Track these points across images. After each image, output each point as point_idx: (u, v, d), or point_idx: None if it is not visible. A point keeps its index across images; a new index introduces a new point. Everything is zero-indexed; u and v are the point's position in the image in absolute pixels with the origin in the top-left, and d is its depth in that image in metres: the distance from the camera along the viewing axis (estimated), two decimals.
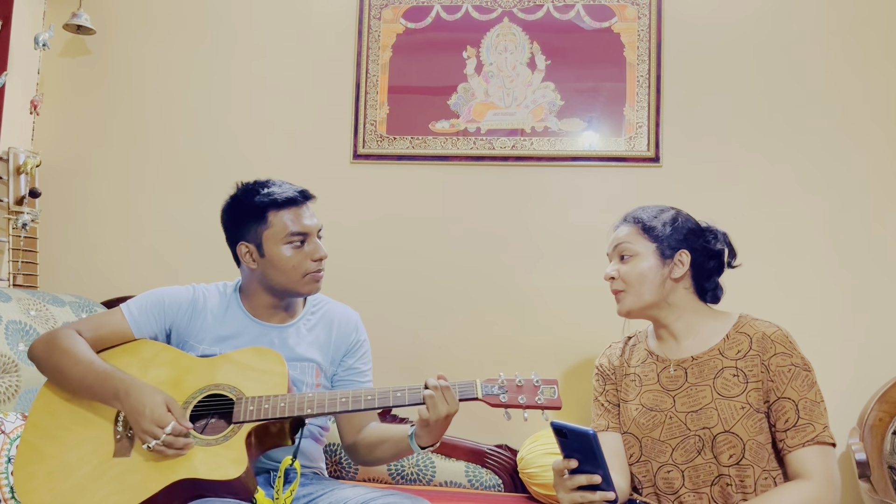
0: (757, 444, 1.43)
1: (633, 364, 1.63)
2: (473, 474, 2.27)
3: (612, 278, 1.58)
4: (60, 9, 2.65)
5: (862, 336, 2.27)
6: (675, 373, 1.54)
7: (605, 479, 1.24)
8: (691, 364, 1.53)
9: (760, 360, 1.46)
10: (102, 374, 1.51)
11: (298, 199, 1.68)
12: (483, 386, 1.50)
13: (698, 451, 1.47)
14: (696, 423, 1.47)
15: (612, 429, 1.60)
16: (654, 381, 1.56)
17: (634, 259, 1.55)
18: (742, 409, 1.44)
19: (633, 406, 1.57)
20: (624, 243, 1.57)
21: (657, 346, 1.61)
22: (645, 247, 1.55)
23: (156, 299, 1.71)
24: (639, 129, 2.41)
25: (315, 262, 1.68)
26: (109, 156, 2.65)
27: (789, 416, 1.42)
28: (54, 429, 1.53)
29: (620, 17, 2.45)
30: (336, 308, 1.83)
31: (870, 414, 2.14)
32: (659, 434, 1.51)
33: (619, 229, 1.61)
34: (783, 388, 1.43)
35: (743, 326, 1.52)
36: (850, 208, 2.32)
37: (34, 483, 1.47)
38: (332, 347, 1.77)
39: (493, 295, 2.43)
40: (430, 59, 2.52)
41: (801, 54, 2.38)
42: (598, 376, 1.69)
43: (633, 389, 1.59)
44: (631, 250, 1.56)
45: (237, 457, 1.44)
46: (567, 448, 1.27)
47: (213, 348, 1.68)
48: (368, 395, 1.51)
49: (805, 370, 1.45)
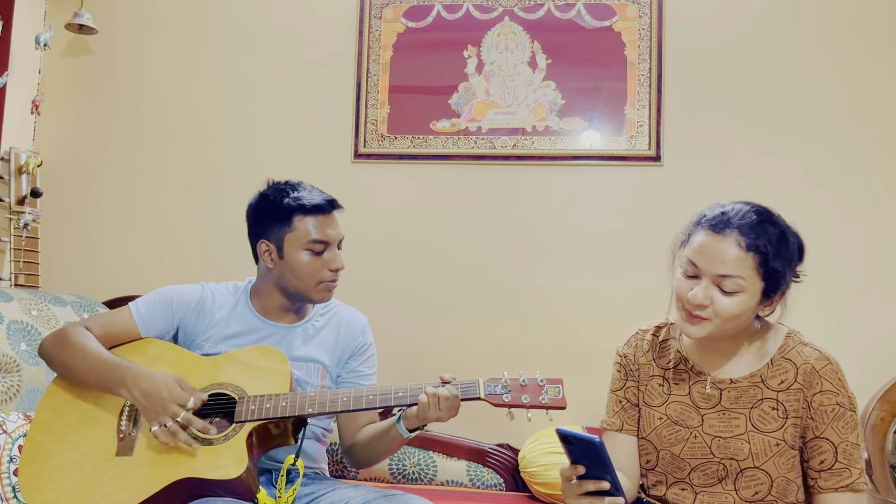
0: (786, 482, 1.37)
1: (661, 365, 1.48)
2: (475, 473, 2.27)
3: (700, 305, 1.32)
4: (62, 8, 2.65)
5: (864, 335, 2.27)
6: (710, 391, 1.41)
7: (614, 485, 1.22)
8: (728, 386, 1.40)
9: (804, 396, 1.35)
10: (110, 363, 1.53)
11: (326, 208, 1.68)
12: (486, 385, 1.49)
13: (720, 479, 1.39)
14: (723, 451, 1.38)
15: (626, 430, 1.49)
16: (685, 393, 1.43)
17: (738, 295, 1.31)
18: (777, 445, 1.36)
19: (657, 414, 1.45)
20: (734, 276, 1.29)
21: (694, 352, 1.45)
22: (754, 284, 1.31)
23: (163, 298, 1.72)
24: (640, 128, 2.41)
25: (331, 272, 1.67)
26: (111, 156, 2.65)
27: (826, 458, 1.33)
28: (59, 427, 1.54)
29: (621, 15, 2.45)
30: (345, 311, 1.83)
31: (871, 413, 2.13)
32: (680, 451, 1.42)
33: (727, 247, 1.30)
34: (823, 429, 1.33)
35: (789, 352, 1.39)
36: (852, 207, 2.32)
37: (38, 481, 1.47)
38: (339, 350, 1.77)
39: (494, 294, 2.43)
40: (430, 59, 2.52)
41: (802, 52, 2.38)
42: (620, 367, 1.53)
43: (658, 395, 1.46)
44: (738, 286, 1.30)
45: (238, 456, 1.44)
46: (574, 455, 1.24)
47: (219, 346, 1.69)
48: (370, 394, 1.51)
49: (850, 410, 1.34)
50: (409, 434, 1.57)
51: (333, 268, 1.67)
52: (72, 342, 1.58)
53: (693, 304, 1.32)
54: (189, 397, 1.46)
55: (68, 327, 1.63)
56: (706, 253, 1.32)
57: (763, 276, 1.31)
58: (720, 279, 1.30)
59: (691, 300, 1.32)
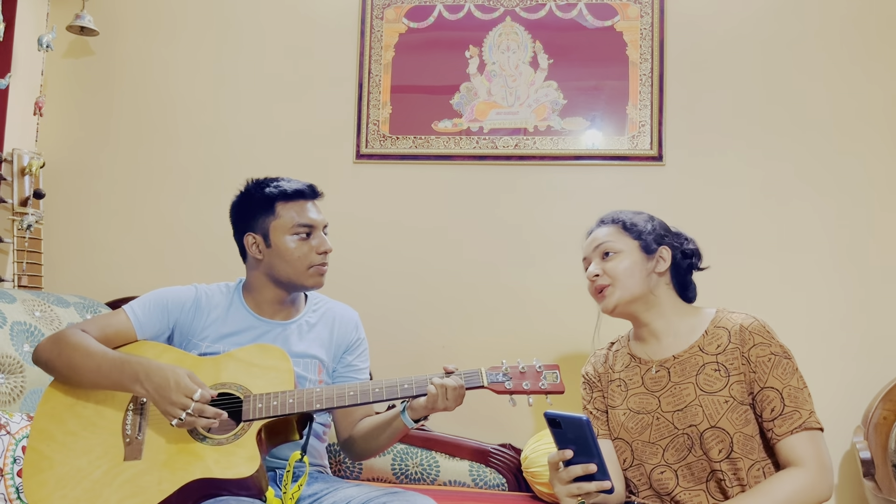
0: (744, 437, 1.44)
1: (617, 369, 1.64)
2: (477, 473, 2.27)
3: (596, 276, 1.59)
4: (64, 10, 2.66)
5: (866, 334, 2.27)
6: (657, 373, 1.55)
7: (601, 469, 1.25)
8: (673, 363, 1.54)
9: (740, 353, 1.47)
10: (119, 360, 1.52)
11: (307, 193, 1.73)
12: (488, 374, 1.54)
13: (688, 448, 1.48)
14: (682, 422, 1.48)
15: (602, 435, 1.61)
16: (639, 384, 1.58)
17: (619, 255, 1.58)
18: (726, 402, 1.46)
19: (621, 411, 1.58)
20: (607, 242, 1.60)
21: (638, 348, 1.62)
22: (627, 244, 1.59)
23: (158, 299, 1.72)
24: (642, 127, 2.41)
25: (320, 256, 1.70)
26: (113, 157, 2.65)
27: (775, 406, 1.43)
28: (61, 435, 1.53)
29: (623, 15, 2.45)
30: (336, 307, 1.86)
31: (874, 412, 2.13)
32: (648, 436, 1.52)
33: (598, 231, 1.65)
34: (765, 378, 1.44)
35: (721, 321, 1.54)
36: (854, 206, 2.32)
37: (45, 491, 1.47)
38: (334, 345, 1.79)
39: (496, 294, 2.43)
40: (432, 59, 2.52)
41: (804, 51, 2.38)
42: (585, 384, 1.70)
43: (619, 395, 1.60)
44: (614, 248, 1.58)
45: (250, 455, 1.45)
46: (561, 438, 1.28)
47: (216, 346, 1.69)
48: (376, 387, 1.53)
49: (785, 357, 1.46)
50: (414, 425, 1.60)
51: (321, 250, 1.70)
52: (72, 343, 1.57)
53: (592, 280, 1.60)
54: (197, 389, 1.46)
55: (63, 330, 1.62)
56: (587, 244, 1.66)
57: (631, 235, 1.59)
58: (599, 249, 1.61)
59: (588, 276, 1.61)
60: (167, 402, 1.45)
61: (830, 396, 2.25)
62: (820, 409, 2.21)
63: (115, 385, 1.53)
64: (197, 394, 1.44)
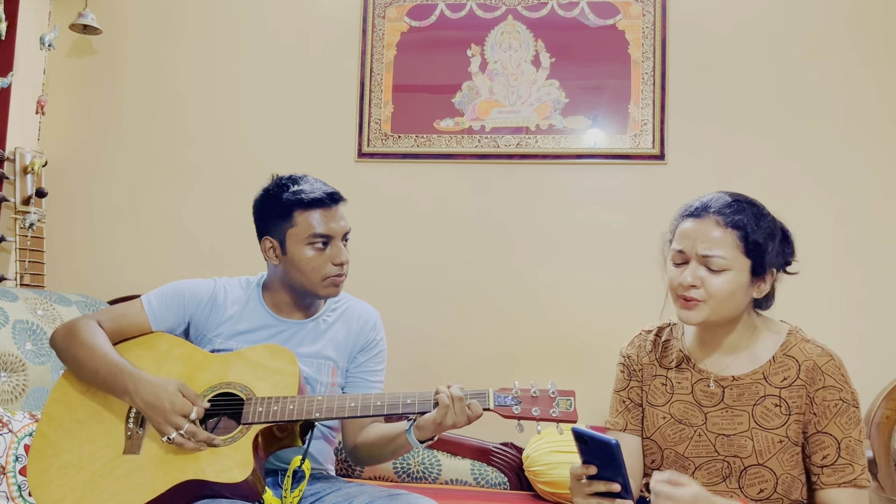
0: (790, 479, 1.38)
1: (665, 364, 1.49)
2: (479, 472, 2.27)
3: (693, 286, 1.36)
4: (66, 9, 2.66)
5: (869, 333, 2.26)
6: (713, 389, 1.42)
7: (625, 488, 1.21)
8: (731, 384, 1.41)
9: (806, 392, 1.36)
10: (115, 367, 1.51)
11: (326, 201, 1.64)
12: (496, 396, 1.45)
13: (724, 477, 1.40)
14: (726, 449, 1.39)
15: (630, 430, 1.50)
16: (688, 392, 1.44)
17: (727, 274, 1.35)
18: (780, 442, 1.37)
19: (661, 413, 1.47)
20: (718, 257, 1.35)
21: (696, 351, 1.47)
22: (740, 262, 1.36)
23: (176, 292, 1.71)
24: (644, 126, 2.40)
25: (336, 267, 1.65)
26: (115, 155, 2.66)
27: (828, 453, 1.34)
28: (69, 422, 1.54)
29: (625, 14, 2.45)
30: (356, 305, 1.81)
31: (876, 411, 2.13)
32: (684, 449, 1.43)
33: (704, 227, 1.37)
34: (825, 424, 1.34)
35: (791, 348, 1.40)
36: (857, 206, 2.31)
37: (47, 477, 1.48)
38: (350, 345, 1.75)
39: (498, 293, 2.43)
40: (434, 58, 2.52)
41: (806, 50, 2.37)
42: (624, 368, 1.55)
43: (662, 395, 1.48)
44: (725, 265, 1.35)
45: (243, 459, 1.43)
46: (587, 454, 1.23)
47: (230, 342, 1.68)
48: (377, 401, 1.48)
49: (853, 406, 1.34)
50: (420, 445, 1.53)
51: (338, 262, 1.64)
52: (80, 338, 1.57)
53: (685, 287, 1.36)
54: (192, 407, 1.44)
55: (79, 321, 1.61)
56: (689, 236, 1.38)
57: (746, 251, 1.36)
58: (706, 259, 1.35)
59: (682, 283, 1.37)
60: (160, 420, 1.44)
61: None
62: None
63: (109, 391, 1.53)
64: (193, 413, 1.44)
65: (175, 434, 1.42)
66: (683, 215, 1.44)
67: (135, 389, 1.47)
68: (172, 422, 1.43)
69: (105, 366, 1.52)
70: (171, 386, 1.47)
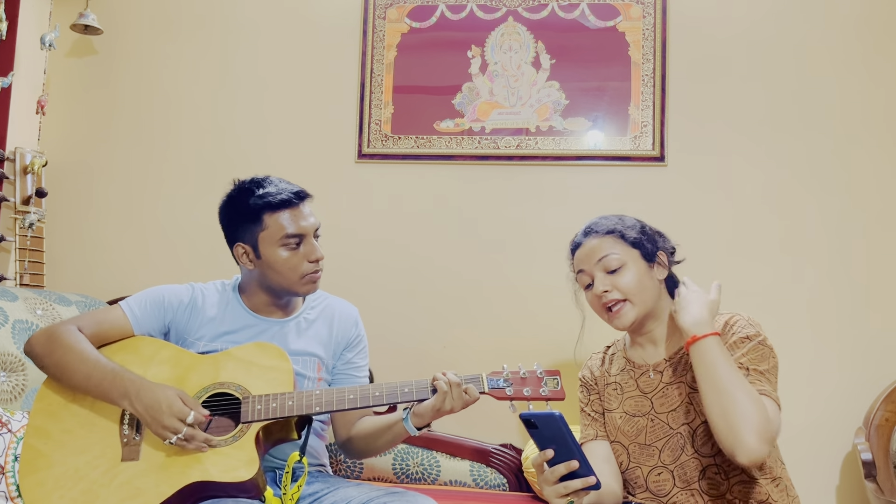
0: None
1: (612, 373, 1.63)
2: (478, 473, 2.27)
3: (606, 291, 1.50)
4: (67, 9, 2.66)
5: (867, 335, 2.26)
6: (652, 377, 1.55)
7: (583, 464, 1.25)
8: (665, 366, 1.53)
9: (725, 343, 1.45)
10: (111, 372, 1.50)
11: (293, 201, 1.65)
12: (489, 380, 1.53)
13: (682, 447, 1.47)
14: (676, 421, 1.48)
15: (600, 437, 1.60)
16: (634, 388, 1.57)
17: (625, 268, 1.51)
18: None
19: (617, 414, 1.58)
20: (610, 255, 1.51)
21: (634, 353, 1.61)
22: (629, 254, 1.52)
23: (156, 297, 1.71)
24: (644, 128, 2.40)
25: (312, 264, 1.66)
26: (116, 155, 2.66)
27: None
28: (58, 433, 1.52)
29: (625, 16, 2.45)
30: (336, 303, 1.83)
31: (876, 414, 2.13)
32: (644, 438, 1.52)
33: (590, 241, 1.55)
34: (736, 356, 1.42)
35: None
36: (856, 208, 2.31)
37: (43, 490, 1.46)
38: (334, 342, 1.77)
39: (498, 294, 2.43)
40: (434, 59, 2.52)
41: (806, 52, 2.37)
42: (582, 387, 1.69)
43: (615, 398, 1.60)
44: (618, 261, 1.50)
45: (249, 457, 1.44)
46: (540, 439, 1.27)
47: (214, 344, 1.68)
48: (376, 391, 1.51)
49: (762, 345, 1.43)
50: (417, 432, 1.58)
51: (313, 259, 1.66)
52: (66, 343, 1.54)
53: (601, 295, 1.51)
54: (190, 412, 1.44)
55: (58, 326, 1.59)
56: (583, 256, 1.56)
57: (630, 244, 1.53)
58: (603, 265, 1.52)
59: (597, 293, 1.52)
60: (158, 425, 1.44)
61: (832, 398, 2.25)
62: (821, 410, 2.24)
63: (103, 396, 1.51)
64: (190, 417, 1.43)
65: (174, 438, 1.42)
66: (572, 249, 1.62)
67: (136, 393, 1.46)
68: (171, 426, 1.43)
69: (99, 370, 1.51)
70: (170, 391, 1.47)
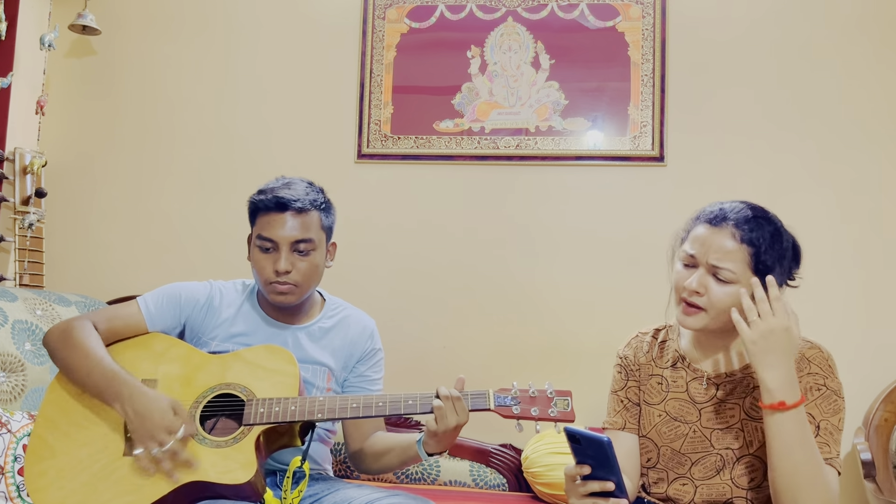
0: None
1: (661, 365, 1.51)
2: (478, 474, 2.27)
3: (696, 292, 1.37)
4: (66, 9, 2.66)
5: (868, 335, 2.26)
6: (706, 387, 1.45)
7: (619, 486, 1.22)
8: (724, 380, 1.44)
9: None
10: (109, 373, 1.50)
11: (274, 208, 1.63)
12: (496, 397, 1.48)
13: (717, 470, 1.42)
14: (720, 442, 1.42)
15: (628, 429, 1.51)
16: (683, 390, 1.47)
17: (730, 287, 1.35)
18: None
19: (657, 412, 1.49)
20: (727, 270, 1.35)
21: (691, 351, 1.49)
22: (747, 277, 1.35)
23: (172, 294, 1.71)
24: (643, 128, 2.41)
25: (275, 274, 1.62)
26: (115, 156, 2.66)
27: None
28: (65, 425, 1.53)
29: (625, 16, 2.45)
30: (353, 314, 1.81)
31: (875, 414, 2.13)
32: (680, 446, 1.45)
33: (723, 238, 1.36)
34: (807, 405, 1.34)
35: None
36: (856, 207, 2.31)
37: (44, 480, 1.47)
38: (346, 353, 1.75)
39: (497, 294, 2.43)
40: (434, 59, 2.52)
41: (806, 52, 2.37)
42: (621, 369, 1.56)
43: (657, 394, 1.49)
44: (730, 278, 1.35)
45: (247, 460, 1.43)
46: (580, 454, 1.24)
47: (226, 345, 1.68)
48: (379, 401, 1.49)
49: (836, 396, 1.35)
50: (428, 459, 1.57)
51: (276, 269, 1.62)
52: (75, 339, 1.55)
53: (689, 291, 1.37)
54: (181, 425, 1.42)
55: (74, 321, 1.60)
56: (703, 243, 1.38)
57: (754, 269, 1.36)
58: (715, 269, 1.36)
59: (687, 287, 1.37)
60: (145, 433, 1.42)
61: None
62: None
63: (98, 395, 1.51)
64: (180, 431, 1.41)
65: (157, 450, 1.40)
66: (700, 219, 1.43)
67: (129, 397, 1.45)
68: (157, 437, 1.41)
69: (99, 370, 1.51)
70: (164, 402, 1.45)
